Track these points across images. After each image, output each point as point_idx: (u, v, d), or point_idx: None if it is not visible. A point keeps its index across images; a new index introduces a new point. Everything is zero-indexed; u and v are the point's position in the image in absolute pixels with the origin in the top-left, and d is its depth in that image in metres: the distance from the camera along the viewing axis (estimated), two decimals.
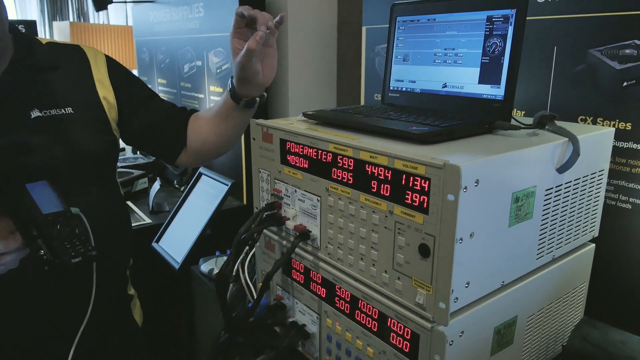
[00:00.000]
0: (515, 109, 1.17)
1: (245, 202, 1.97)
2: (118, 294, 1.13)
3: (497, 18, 0.85)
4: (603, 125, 1.03)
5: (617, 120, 1.01)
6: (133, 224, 1.80)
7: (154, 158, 2.44)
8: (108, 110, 1.01)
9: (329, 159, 0.80)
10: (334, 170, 0.79)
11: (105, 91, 1.01)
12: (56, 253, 0.72)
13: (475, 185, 0.64)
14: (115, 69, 1.05)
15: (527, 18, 1.10)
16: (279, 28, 0.97)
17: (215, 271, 1.50)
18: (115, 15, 4.16)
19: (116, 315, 1.10)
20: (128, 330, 1.17)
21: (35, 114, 0.90)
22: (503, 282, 0.76)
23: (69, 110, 0.94)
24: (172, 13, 2.32)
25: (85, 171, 0.96)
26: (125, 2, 3.82)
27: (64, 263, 0.72)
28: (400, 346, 0.74)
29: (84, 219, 0.79)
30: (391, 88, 1.04)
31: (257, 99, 1.04)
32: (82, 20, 4.07)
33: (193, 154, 1.14)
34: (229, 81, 1.04)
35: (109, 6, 2.58)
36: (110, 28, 3.46)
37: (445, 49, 0.94)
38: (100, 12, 4.02)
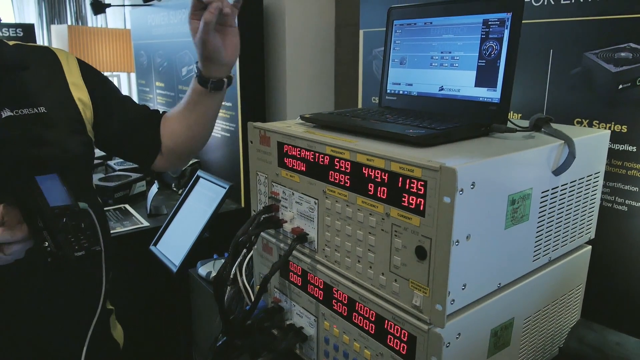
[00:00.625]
0: (511, 112, 1.18)
1: (243, 205, 1.97)
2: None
3: (493, 21, 0.86)
4: (599, 127, 1.03)
5: (613, 123, 1.01)
6: (130, 227, 1.81)
7: None
8: (83, 111, 0.98)
9: (326, 161, 0.80)
10: (331, 173, 0.80)
11: (79, 92, 0.99)
12: (60, 245, 0.73)
13: (472, 188, 0.64)
14: (88, 70, 1.03)
15: (523, 21, 1.10)
16: (237, 7, 0.98)
17: (213, 274, 1.50)
18: (113, 18, 4.16)
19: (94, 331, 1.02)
20: (107, 348, 1.12)
21: (6, 113, 0.88)
22: (499, 284, 0.76)
23: (42, 109, 0.92)
24: (170, 16, 2.33)
25: (59, 173, 0.95)
26: (124, 5, 3.83)
27: (67, 256, 0.73)
28: (397, 348, 0.74)
29: (91, 214, 0.79)
30: (388, 91, 1.04)
31: (225, 80, 1.04)
32: (80, 23, 4.08)
33: (167, 155, 1.11)
34: (194, 66, 1.04)
35: (107, 10, 2.59)
36: (109, 31, 3.46)
37: (442, 52, 0.94)
38: (98, 16, 4.02)
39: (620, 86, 0.99)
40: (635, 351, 0.80)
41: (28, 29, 3.17)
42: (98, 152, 3.02)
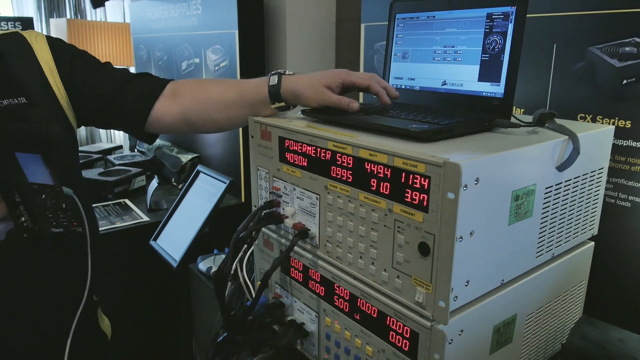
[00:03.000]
0: (515, 107, 1.17)
1: (243, 200, 1.97)
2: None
3: (497, 15, 0.85)
4: (603, 123, 1.03)
5: (617, 118, 1.01)
6: (130, 222, 1.80)
7: (152, 156, 2.44)
8: (59, 95, 0.95)
9: (328, 156, 0.79)
10: (333, 168, 0.79)
11: (52, 74, 0.95)
12: (36, 220, 0.71)
13: (476, 184, 0.63)
14: (58, 48, 0.98)
15: (527, 15, 1.10)
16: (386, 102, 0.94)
17: (214, 269, 1.50)
18: (112, 12, 4.14)
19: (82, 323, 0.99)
20: (95, 339, 1.09)
21: None
22: (502, 280, 0.76)
23: (22, 100, 0.88)
24: (169, 10, 2.31)
25: (43, 156, 0.92)
26: None
27: (43, 231, 0.72)
28: (399, 345, 0.73)
29: (76, 200, 0.78)
30: (390, 85, 1.03)
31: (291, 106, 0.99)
32: (79, 17, 4.05)
33: (179, 115, 1.02)
34: (276, 76, 0.95)
35: (106, 3, 2.58)
36: (108, 25, 3.44)
37: (444, 47, 0.93)
38: (98, 9, 4.00)
39: (625, 81, 0.98)
40: (638, 348, 0.80)
41: (27, 23, 3.15)
42: (97, 147, 3.01)
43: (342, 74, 0.93)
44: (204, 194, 1.70)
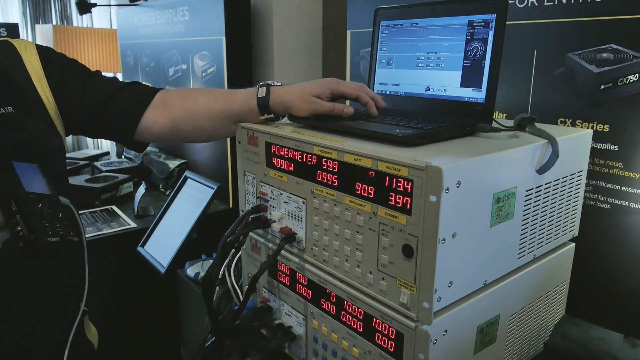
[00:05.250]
0: (497, 112, 1.19)
1: (231, 205, 1.97)
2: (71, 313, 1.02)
3: (478, 23, 0.87)
4: (582, 127, 1.05)
5: (596, 122, 1.03)
6: (118, 229, 1.80)
7: (139, 162, 2.43)
8: (48, 104, 0.95)
9: (314, 161, 0.81)
10: (319, 173, 0.80)
11: (41, 83, 0.94)
12: (32, 229, 0.71)
13: (457, 187, 0.65)
14: (48, 57, 0.98)
15: (508, 23, 1.12)
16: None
17: (202, 274, 1.50)
18: (99, 18, 4.12)
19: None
20: (81, 349, 1.07)
21: None
22: (485, 281, 0.78)
23: (10, 109, 0.88)
24: (157, 16, 2.31)
25: (39, 165, 0.91)
26: (110, 5, 3.79)
27: (39, 240, 0.72)
28: (385, 346, 0.74)
29: (73, 210, 0.78)
30: (375, 91, 1.05)
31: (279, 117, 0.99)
32: (65, 23, 4.03)
33: (168, 125, 1.01)
34: (265, 88, 0.95)
35: (93, 9, 2.57)
36: (94, 31, 3.43)
37: (427, 53, 0.95)
38: (84, 16, 3.98)
39: (602, 86, 1.01)
40: (617, 346, 0.82)
41: (12, 29, 3.13)
42: (84, 154, 2.99)
43: (332, 84, 0.94)
44: (191, 200, 1.70)
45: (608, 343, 0.83)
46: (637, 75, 0.96)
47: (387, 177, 0.69)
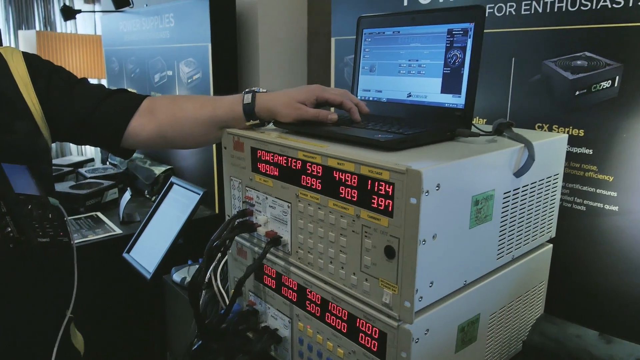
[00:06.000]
0: (477, 117, 1.23)
1: (217, 211, 1.98)
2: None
3: (457, 31, 0.90)
4: (558, 132, 1.09)
5: (571, 127, 1.07)
6: (103, 235, 1.79)
7: (124, 168, 2.43)
8: (33, 110, 0.94)
9: (299, 166, 0.82)
10: (304, 177, 0.82)
11: (28, 90, 0.95)
12: (22, 230, 0.71)
13: (437, 189, 0.67)
14: (34, 64, 0.98)
15: (487, 31, 1.16)
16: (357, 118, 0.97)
17: (188, 280, 1.50)
18: (83, 24, 4.10)
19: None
20: (68, 356, 1.06)
21: None
22: (465, 281, 0.80)
23: None
24: (142, 23, 2.32)
25: (28, 167, 0.92)
26: (94, 12, 3.78)
27: (30, 241, 0.72)
28: (368, 346, 0.76)
29: (62, 211, 0.78)
30: (359, 97, 1.07)
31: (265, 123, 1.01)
32: (49, 29, 4.00)
33: (155, 131, 1.02)
34: (250, 94, 0.96)
35: (77, 15, 2.56)
36: (79, 37, 3.42)
37: (409, 60, 0.98)
38: (68, 22, 3.96)
39: (577, 92, 1.05)
40: (593, 342, 0.84)
41: None
42: (68, 160, 2.97)
43: (316, 91, 0.96)
44: (177, 206, 1.70)
45: (584, 340, 0.86)
46: (609, 81, 1.00)
47: (370, 181, 0.71)
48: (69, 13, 2.40)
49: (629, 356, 0.80)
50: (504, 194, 0.82)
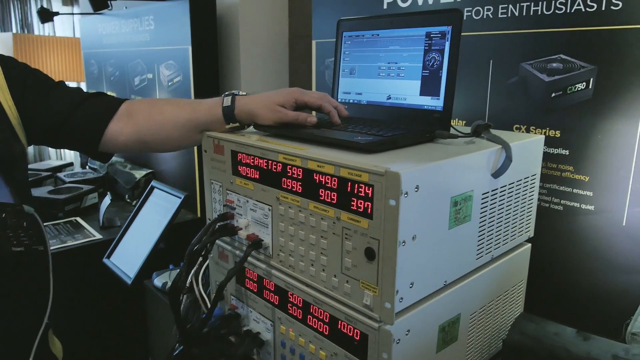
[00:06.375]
0: (457, 119, 1.24)
1: (199, 214, 1.96)
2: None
3: (435, 34, 0.91)
4: (535, 133, 1.11)
5: (548, 128, 1.09)
6: (82, 240, 1.77)
7: (104, 172, 2.39)
8: (9, 113, 0.93)
9: (279, 169, 0.82)
10: (284, 180, 0.82)
11: (3, 93, 0.93)
12: None
13: (416, 191, 0.68)
14: (10, 66, 0.97)
15: (466, 34, 1.17)
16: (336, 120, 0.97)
17: (169, 284, 1.49)
18: (61, 26, 4.04)
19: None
20: None
21: None
22: (445, 281, 0.81)
23: None
24: (121, 25, 2.29)
25: (2, 174, 0.91)
26: (72, 14, 3.73)
27: (4, 250, 0.70)
28: (350, 347, 0.76)
29: (37, 219, 0.77)
30: (339, 100, 1.08)
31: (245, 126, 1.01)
32: (26, 31, 3.94)
33: (134, 135, 1.01)
34: (230, 97, 0.96)
35: (55, 17, 2.52)
36: (57, 40, 3.37)
37: (388, 63, 0.99)
38: (46, 24, 3.90)
39: (553, 94, 1.07)
40: (571, 340, 0.86)
41: None
42: (47, 165, 2.92)
43: (296, 94, 0.96)
44: (158, 210, 1.68)
45: (562, 337, 0.87)
46: (584, 83, 1.02)
47: (349, 183, 0.71)
48: (46, 15, 2.37)
49: (605, 353, 0.82)
50: (483, 194, 0.83)
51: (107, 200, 1.95)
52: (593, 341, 0.85)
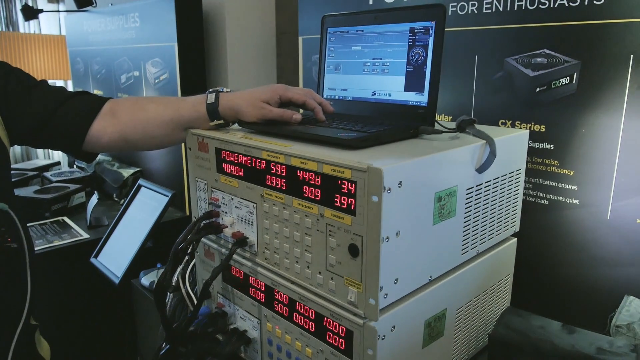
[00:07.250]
0: (443, 115, 1.24)
1: (187, 213, 1.95)
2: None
3: (419, 30, 0.91)
4: (520, 128, 1.11)
5: (533, 123, 1.09)
6: (69, 240, 1.75)
7: (92, 172, 2.37)
8: None
9: (263, 166, 0.82)
10: (268, 177, 0.81)
11: None
12: None
13: (399, 187, 0.68)
14: None
15: (450, 29, 1.17)
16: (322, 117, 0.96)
17: None
18: (47, 24, 3.99)
19: (18, 349, 0.95)
20: None
21: None
22: (431, 277, 0.81)
23: None
24: (107, 23, 2.27)
25: None
26: (58, 11, 3.68)
27: None
28: (336, 344, 0.76)
29: (12, 215, 0.76)
30: (325, 96, 1.07)
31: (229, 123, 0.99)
32: (11, 29, 3.88)
33: (117, 134, 1.00)
34: (214, 94, 0.95)
35: (41, 15, 2.50)
36: (42, 37, 3.32)
37: (373, 59, 0.98)
38: (31, 21, 3.85)
39: (538, 89, 1.07)
40: (556, 333, 0.86)
41: None
42: (33, 164, 2.89)
43: (280, 90, 0.95)
44: (146, 208, 1.67)
45: (547, 331, 0.87)
46: (568, 78, 1.03)
47: (332, 180, 0.71)
48: (29, 13, 2.34)
49: (590, 345, 0.82)
50: (467, 189, 0.84)
51: (94, 199, 1.93)
52: (578, 334, 0.86)
